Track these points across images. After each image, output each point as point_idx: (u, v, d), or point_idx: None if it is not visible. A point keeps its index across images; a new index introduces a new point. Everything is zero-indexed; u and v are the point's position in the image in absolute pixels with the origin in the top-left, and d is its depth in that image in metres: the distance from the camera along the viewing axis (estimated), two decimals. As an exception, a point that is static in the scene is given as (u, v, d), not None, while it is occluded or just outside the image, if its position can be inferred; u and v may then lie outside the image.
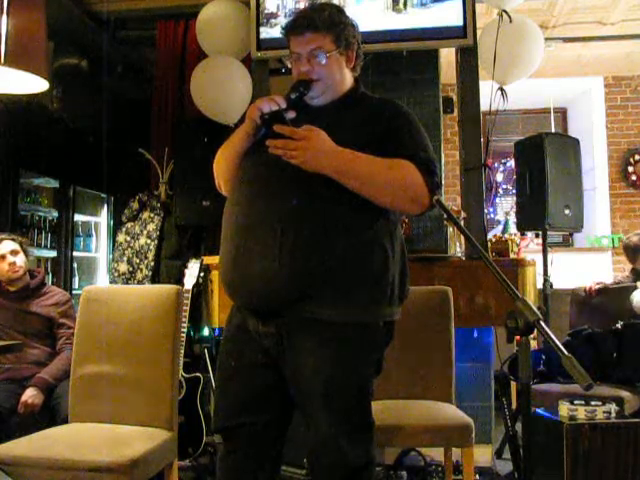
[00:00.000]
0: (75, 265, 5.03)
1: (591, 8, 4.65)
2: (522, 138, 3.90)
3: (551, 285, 3.60)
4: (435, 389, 2.48)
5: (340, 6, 1.88)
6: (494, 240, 3.52)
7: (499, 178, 6.59)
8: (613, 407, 2.34)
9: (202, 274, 3.28)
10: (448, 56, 3.87)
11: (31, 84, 2.31)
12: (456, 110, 3.69)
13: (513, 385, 3.55)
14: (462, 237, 3.22)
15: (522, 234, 4.52)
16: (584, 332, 3.26)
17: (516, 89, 3.52)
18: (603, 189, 6.26)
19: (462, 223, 3.07)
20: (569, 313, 3.76)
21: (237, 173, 1.74)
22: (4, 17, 2.05)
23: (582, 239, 6.08)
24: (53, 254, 4.87)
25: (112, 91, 4.51)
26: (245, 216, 1.65)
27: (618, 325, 3.24)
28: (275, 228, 1.57)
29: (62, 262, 4.86)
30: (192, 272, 3.26)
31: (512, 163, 5.78)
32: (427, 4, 3.41)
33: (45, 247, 4.80)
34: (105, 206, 5.50)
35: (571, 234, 6.22)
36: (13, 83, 2.31)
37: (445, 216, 1.51)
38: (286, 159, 1.58)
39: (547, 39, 4.38)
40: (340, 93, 1.75)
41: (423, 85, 3.67)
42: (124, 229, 4.03)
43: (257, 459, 1.68)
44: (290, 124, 1.62)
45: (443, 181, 3.97)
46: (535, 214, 3.51)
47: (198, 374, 3.22)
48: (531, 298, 3.21)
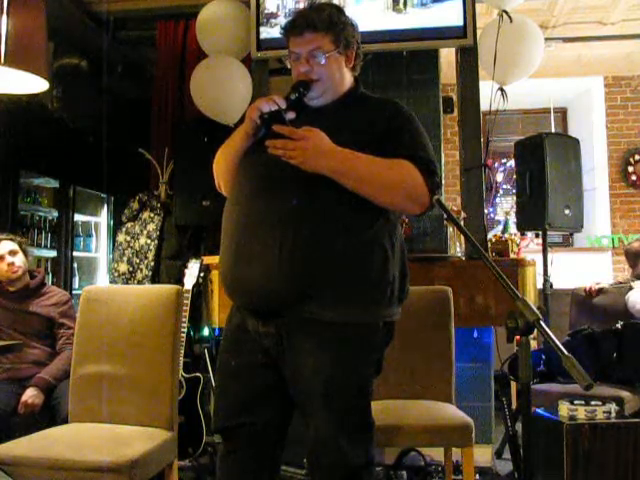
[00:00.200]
0: (75, 265, 5.03)
1: (591, 8, 4.65)
2: (522, 138, 3.90)
3: (551, 285, 3.60)
4: (435, 389, 2.48)
5: (339, 6, 1.88)
6: (494, 240, 3.52)
7: (499, 178, 6.59)
8: (613, 407, 2.34)
9: (202, 274, 3.28)
10: (448, 56, 3.87)
11: (31, 84, 2.31)
12: (456, 110, 3.69)
13: (513, 385, 3.55)
14: (462, 237, 3.22)
15: (522, 234, 4.52)
16: (584, 332, 3.26)
17: (516, 89, 3.52)
18: (603, 189, 6.25)
19: (462, 223, 3.07)
20: (569, 313, 3.76)
21: (237, 173, 1.74)
22: (4, 17, 2.04)
23: (582, 239, 6.08)
24: (53, 254, 4.87)
25: (112, 91, 4.51)
26: (245, 216, 1.64)
27: (618, 325, 3.24)
28: (275, 228, 1.57)
29: (62, 262, 4.86)
30: (192, 272, 3.26)
31: (512, 163, 5.77)
32: (427, 4, 3.41)
33: (45, 247, 4.81)
34: (105, 206, 5.51)
35: (571, 234, 6.22)
36: (13, 83, 2.30)
37: (445, 216, 1.51)
38: (285, 159, 1.58)
39: (547, 39, 4.38)
40: (340, 93, 1.75)
41: (423, 85, 3.67)
42: (124, 229, 4.03)
43: (257, 459, 1.68)
44: (289, 124, 1.62)
45: (443, 181, 3.97)
46: (535, 214, 3.51)
47: (198, 374, 3.21)
48: (531, 298, 3.21)
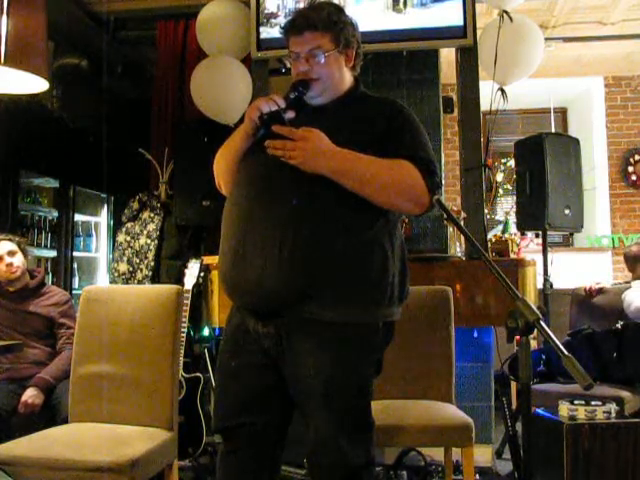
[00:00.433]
0: (75, 265, 5.03)
1: (591, 8, 4.65)
2: (522, 138, 3.90)
3: (551, 285, 3.60)
4: (435, 389, 2.48)
5: (339, 5, 1.87)
6: (494, 240, 3.52)
7: (499, 178, 6.59)
8: (613, 407, 2.34)
9: (202, 274, 3.28)
10: (448, 56, 3.87)
11: (31, 84, 2.31)
12: (456, 110, 3.69)
13: (513, 385, 3.55)
14: (462, 237, 3.22)
15: (522, 234, 4.52)
16: (584, 332, 3.26)
17: (516, 89, 3.52)
18: (603, 189, 6.25)
19: (462, 223, 3.07)
20: (569, 313, 3.76)
21: (237, 173, 1.74)
22: (4, 17, 2.04)
23: (582, 239, 6.08)
24: (53, 254, 4.87)
25: (112, 91, 4.51)
26: (245, 216, 1.64)
27: (618, 325, 3.24)
28: (275, 228, 1.57)
29: (62, 262, 4.86)
30: (192, 272, 3.26)
31: (512, 163, 5.77)
32: (427, 4, 3.41)
33: (45, 247, 4.80)
34: (105, 206, 5.50)
35: (571, 234, 6.22)
36: (13, 83, 2.30)
37: (445, 216, 1.51)
38: (285, 160, 1.58)
39: (547, 39, 4.38)
40: (340, 92, 1.75)
41: (423, 85, 3.67)
42: (124, 229, 4.03)
43: (257, 459, 1.68)
44: (289, 124, 1.62)
45: (443, 181, 3.97)
46: (535, 214, 3.51)
47: (198, 374, 3.21)
48: (531, 298, 3.20)
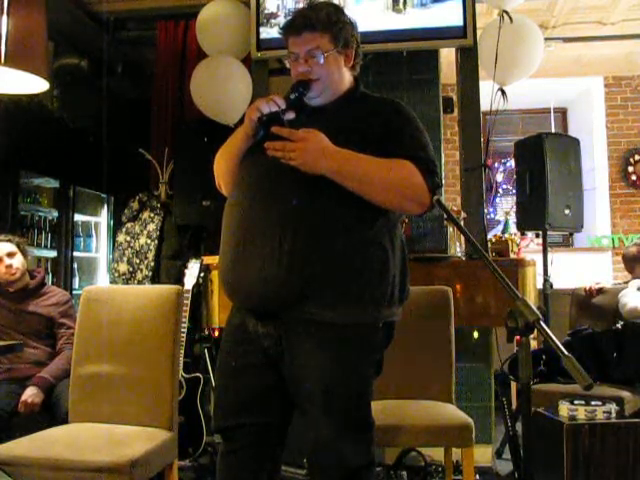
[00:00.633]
0: (75, 265, 5.02)
1: (591, 8, 4.65)
2: (522, 138, 3.91)
3: (551, 285, 3.60)
4: (435, 389, 2.48)
5: (338, 5, 1.87)
6: (494, 240, 3.51)
7: (499, 178, 6.59)
8: (613, 407, 2.34)
9: (202, 274, 3.28)
10: (448, 56, 3.87)
11: (31, 84, 2.31)
12: (456, 110, 3.69)
13: (513, 385, 3.55)
14: (462, 237, 3.22)
15: (522, 234, 4.52)
16: (584, 332, 3.26)
17: (516, 89, 3.52)
18: (603, 189, 6.25)
19: (462, 223, 3.07)
20: (569, 313, 3.76)
21: (237, 173, 1.74)
22: (4, 17, 2.04)
23: (582, 239, 6.08)
24: (53, 254, 4.86)
25: (112, 91, 4.51)
26: (245, 216, 1.64)
27: (618, 325, 3.24)
28: (275, 228, 1.57)
29: (62, 262, 4.86)
30: (192, 272, 3.26)
31: (512, 163, 5.77)
32: (427, 4, 3.41)
33: (45, 247, 4.80)
34: (105, 206, 5.50)
35: (571, 234, 6.20)
36: (13, 83, 2.30)
37: (445, 216, 1.51)
38: (285, 161, 1.58)
39: (547, 39, 4.38)
40: (339, 92, 1.75)
41: (423, 85, 3.66)
42: (124, 229, 4.03)
43: (257, 459, 1.68)
44: (288, 125, 1.61)
45: (443, 181, 3.96)
46: (535, 214, 3.51)
47: (198, 374, 3.22)
48: (531, 298, 3.20)
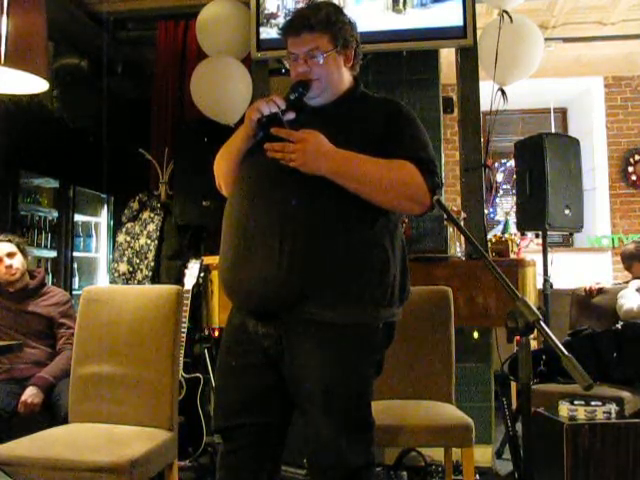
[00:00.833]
0: (75, 265, 5.02)
1: (591, 8, 4.65)
2: (522, 138, 3.90)
3: (551, 285, 3.60)
4: (435, 389, 2.48)
5: (338, 5, 1.87)
6: (494, 240, 3.51)
7: (499, 178, 6.59)
8: (613, 407, 2.34)
9: (202, 274, 3.28)
10: (448, 56, 3.87)
11: (31, 84, 2.31)
12: (456, 110, 3.69)
13: (513, 385, 3.55)
14: (462, 237, 3.22)
15: (522, 234, 4.52)
16: (584, 332, 3.26)
17: (516, 89, 3.52)
18: (603, 189, 6.25)
19: (462, 223, 3.07)
20: (569, 313, 3.76)
21: (237, 174, 1.74)
22: (4, 17, 2.04)
23: (582, 239, 6.08)
24: (53, 254, 4.86)
25: (112, 91, 4.51)
26: (245, 217, 1.64)
27: (618, 325, 3.24)
28: (275, 229, 1.57)
29: (62, 262, 4.86)
30: (192, 272, 3.26)
31: (512, 163, 5.78)
32: (427, 4, 3.41)
33: (45, 247, 4.80)
34: (105, 206, 5.50)
35: (571, 234, 6.21)
36: (13, 83, 2.30)
37: (445, 216, 1.51)
38: (285, 163, 1.58)
39: (547, 39, 4.38)
40: (339, 93, 1.74)
41: (423, 85, 3.66)
42: (124, 229, 4.03)
43: (257, 459, 1.68)
44: (288, 126, 1.61)
45: (443, 181, 3.96)
46: (535, 214, 3.50)
47: (198, 374, 3.22)
48: (531, 298, 3.21)
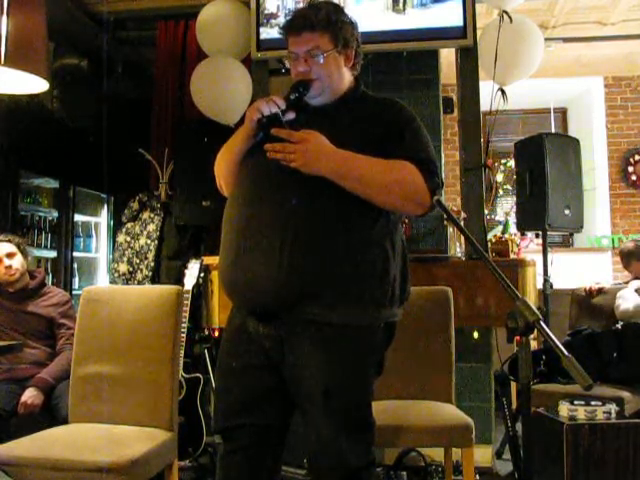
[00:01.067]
0: (75, 265, 5.02)
1: (591, 8, 4.65)
2: (522, 138, 3.90)
3: (551, 285, 3.60)
4: (435, 389, 2.48)
5: (338, 5, 1.86)
6: (494, 240, 3.51)
7: (499, 178, 6.59)
8: (613, 407, 2.34)
9: (202, 274, 3.27)
10: (448, 56, 3.87)
11: (31, 84, 2.31)
12: (456, 110, 3.69)
13: (513, 385, 3.55)
14: (462, 237, 3.22)
15: (522, 234, 4.52)
16: (584, 332, 3.26)
17: (516, 89, 3.52)
18: (603, 189, 6.25)
19: (462, 223, 3.07)
20: (569, 313, 3.76)
21: (238, 174, 1.74)
22: (4, 17, 2.04)
23: (582, 239, 6.08)
24: (53, 254, 4.86)
25: (112, 91, 4.51)
26: (245, 217, 1.64)
27: (618, 325, 3.25)
28: (275, 229, 1.57)
29: (62, 262, 4.85)
30: (192, 272, 3.26)
31: (512, 163, 5.77)
32: (427, 4, 3.41)
33: (45, 247, 4.80)
34: (105, 206, 5.50)
35: (571, 234, 6.22)
36: (13, 83, 2.30)
37: (445, 216, 1.51)
38: (285, 163, 1.58)
39: (547, 39, 4.38)
40: (339, 92, 1.74)
41: (423, 85, 3.66)
42: (124, 229, 4.03)
43: (257, 459, 1.68)
44: (288, 126, 1.61)
45: (444, 181, 3.96)
46: (535, 214, 3.50)
47: (198, 374, 3.21)
48: (531, 298, 3.20)
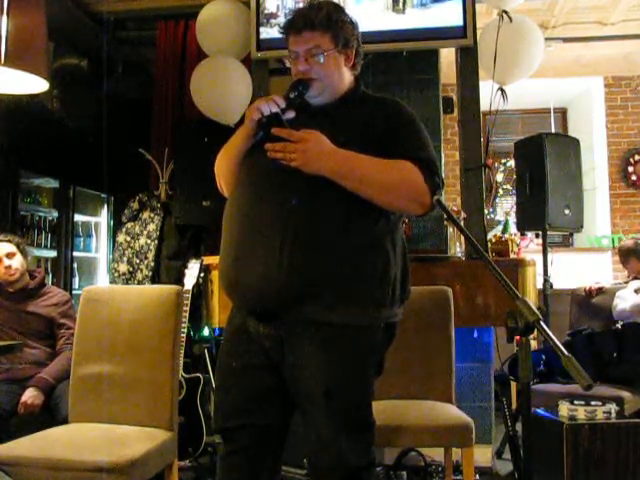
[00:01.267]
0: (75, 265, 5.03)
1: (591, 8, 4.65)
2: (522, 138, 3.91)
3: (551, 285, 3.60)
4: (435, 389, 2.48)
5: (339, 4, 1.86)
6: (494, 240, 3.52)
7: (499, 178, 6.59)
8: (613, 407, 2.34)
9: (202, 274, 3.28)
10: (448, 56, 3.87)
11: (31, 84, 2.31)
12: (456, 110, 3.69)
13: (513, 385, 3.55)
14: (462, 237, 3.22)
15: (522, 234, 4.52)
16: (584, 332, 3.26)
17: (516, 89, 3.52)
18: (603, 189, 6.25)
19: (462, 223, 3.07)
20: (569, 313, 3.76)
21: (238, 174, 1.74)
22: (4, 17, 2.04)
23: (582, 239, 6.08)
24: (53, 254, 4.86)
25: (112, 91, 4.51)
26: (245, 217, 1.64)
27: (618, 325, 3.25)
28: (276, 229, 1.56)
29: (62, 262, 4.86)
30: (192, 272, 3.26)
31: (512, 163, 5.77)
32: (427, 4, 3.41)
33: (45, 247, 4.80)
34: (105, 206, 5.50)
35: (571, 234, 6.22)
36: (13, 83, 2.30)
37: (445, 216, 1.51)
38: (285, 163, 1.58)
39: (547, 39, 4.38)
40: (340, 92, 1.74)
41: (423, 85, 3.66)
42: (124, 229, 4.03)
43: (257, 460, 1.68)
44: (289, 125, 1.61)
45: (444, 181, 3.96)
46: (535, 214, 3.51)
47: (198, 374, 3.22)
48: (531, 298, 3.21)
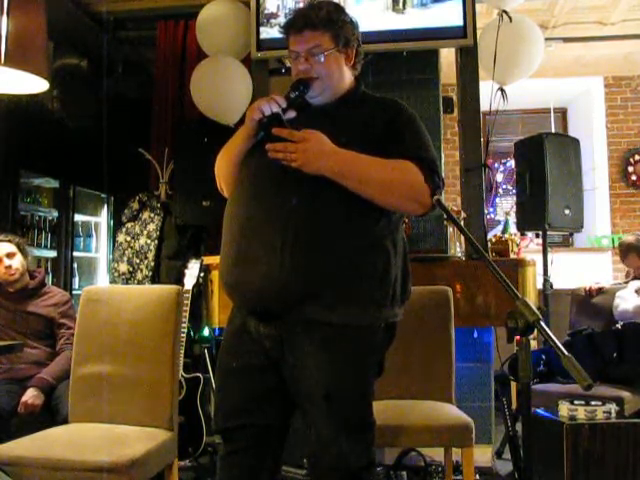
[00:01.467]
0: (75, 265, 5.03)
1: (591, 8, 4.65)
2: (522, 138, 3.91)
3: (551, 285, 3.60)
4: (435, 389, 2.48)
5: (339, 4, 1.87)
6: (494, 240, 3.51)
7: (499, 178, 6.59)
8: (613, 407, 2.34)
9: (202, 274, 3.28)
10: (448, 56, 3.87)
11: (31, 84, 2.31)
12: (456, 110, 3.69)
13: (513, 385, 3.55)
14: (462, 237, 3.22)
15: (522, 234, 4.52)
16: (584, 332, 3.26)
17: (516, 89, 3.52)
18: (603, 189, 6.25)
19: (462, 223, 3.07)
20: (569, 313, 3.76)
21: (238, 174, 1.74)
22: (4, 17, 2.04)
23: (582, 239, 6.08)
24: (53, 254, 4.86)
25: (112, 91, 4.51)
26: (246, 217, 1.64)
27: (618, 325, 3.25)
28: (276, 229, 1.56)
29: (62, 262, 4.86)
30: (192, 272, 3.26)
31: (512, 163, 5.78)
32: (427, 4, 3.41)
33: (45, 247, 4.80)
34: (105, 206, 5.50)
35: (571, 234, 6.22)
36: (13, 83, 2.30)
37: (445, 216, 1.51)
38: (286, 163, 1.58)
39: (547, 39, 4.38)
40: (340, 92, 1.74)
41: (423, 85, 3.66)
42: (124, 229, 4.03)
43: (257, 460, 1.68)
44: (289, 125, 1.61)
45: (444, 181, 3.96)
46: (535, 214, 3.51)
47: (198, 374, 3.22)
48: (531, 298, 3.20)
